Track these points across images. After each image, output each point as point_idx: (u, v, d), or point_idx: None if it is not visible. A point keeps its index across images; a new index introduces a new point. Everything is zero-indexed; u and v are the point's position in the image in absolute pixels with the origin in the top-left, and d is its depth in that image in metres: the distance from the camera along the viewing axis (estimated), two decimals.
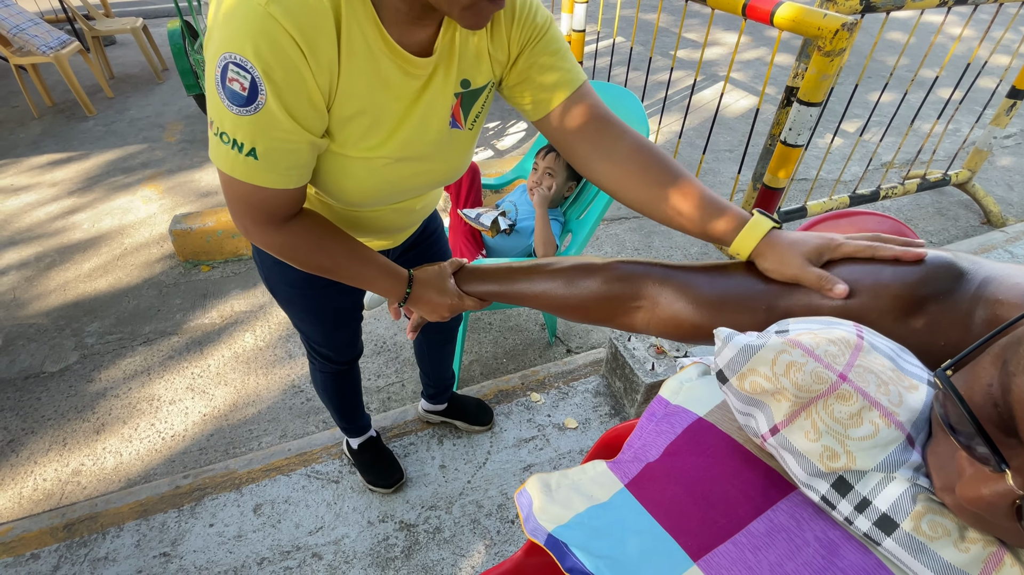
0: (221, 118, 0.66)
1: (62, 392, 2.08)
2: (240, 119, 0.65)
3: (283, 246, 0.81)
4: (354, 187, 0.82)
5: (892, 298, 0.50)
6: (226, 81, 0.63)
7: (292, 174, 0.72)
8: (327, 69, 0.67)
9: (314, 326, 1.23)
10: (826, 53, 1.61)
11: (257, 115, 0.65)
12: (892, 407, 0.41)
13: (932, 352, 0.47)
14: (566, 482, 0.62)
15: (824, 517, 0.44)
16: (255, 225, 0.77)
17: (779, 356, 0.43)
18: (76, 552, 1.51)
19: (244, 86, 0.63)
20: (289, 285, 1.10)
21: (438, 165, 0.88)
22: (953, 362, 0.38)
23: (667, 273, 0.67)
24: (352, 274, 0.87)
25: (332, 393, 1.47)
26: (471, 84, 0.83)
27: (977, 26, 6.15)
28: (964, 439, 0.36)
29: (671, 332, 0.67)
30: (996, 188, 3.47)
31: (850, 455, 0.41)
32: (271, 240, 0.79)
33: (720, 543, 0.46)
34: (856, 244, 0.58)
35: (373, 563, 1.48)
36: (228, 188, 0.73)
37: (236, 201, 0.75)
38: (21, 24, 3.89)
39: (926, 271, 0.49)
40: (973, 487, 0.35)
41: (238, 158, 0.68)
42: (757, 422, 0.47)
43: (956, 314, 0.46)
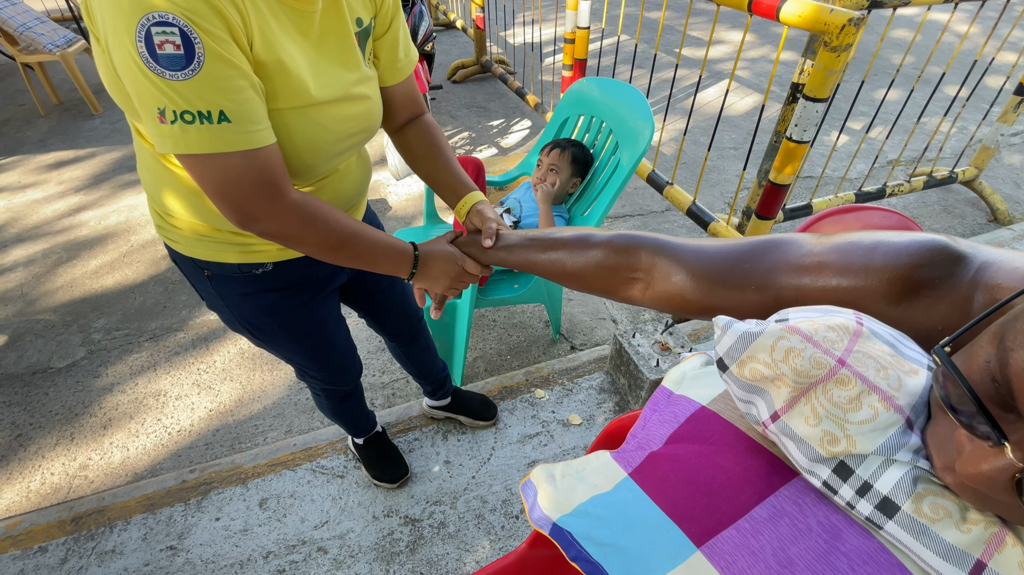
0: (172, 96, 0.61)
1: (69, 387, 2.10)
2: (191, 83, 0.61)
3: (302, 219, 0.76)
4: (302, 144, 0.80)
5: (885, 281, 0.49)
6: (156, 49, 0.58)
7: (264, 125, 0.70)
8: (236, 11, 0.65)
9: (303, 353, 1.17)
10: (832, 48, 1.61)
11: (203, 70, 0.61)
12: (891, 391, 0.41)
13: (931, 337, 0.47)
14: (570, 472, 0.62)
15: (826, 502, 0.44)
16: (266, 203, 0.73)
17: (778, 342, 0.44)
18: (83, 545, 1.52)
19: (177, 43, 0.59)
20: (266, 315, 1.04)
21: (361, 103, 0.88)
22: (951, 339, 0.38)
23: (662, 247, 0.67)
24: (360, 249, 0.85)
25: (340, 414, 1.47)
26: (363, 22, 0.86)
27: (983, 23, 6.11)
28: (964, 417, 0.36)
29: (664, 305, 0.67)
30: (1003, 186, 3.45)
31: (850, 439, 0.41)
32: (288, 215, 0.75)
33: (723, 529, 0.46)
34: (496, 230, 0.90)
35: (378, 557, 1.49)
36: (219, 174, 0.68)
37: (228, 187, 0.69)
38: (28, 22, 3.91)
39: (920, 254, 0.48)
40: (973, 463, 0.35)
41: (213, 129, 0.64)
42: (758, 409, 0.47)
43: (954, 298, 0.46)
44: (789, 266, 0.56)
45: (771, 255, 0.58)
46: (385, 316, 1.38)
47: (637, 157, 1.71)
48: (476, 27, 4.28)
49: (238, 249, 0.93)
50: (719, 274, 0.61)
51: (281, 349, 1.15)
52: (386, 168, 3.44)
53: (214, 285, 0.99)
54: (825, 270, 0.53)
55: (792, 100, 2.12)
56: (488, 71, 4.49)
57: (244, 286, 0.99)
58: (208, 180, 0.69)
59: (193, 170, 0.69)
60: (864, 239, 0.53)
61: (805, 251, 0.56)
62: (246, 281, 0.98)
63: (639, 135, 1.74)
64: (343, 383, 1.33)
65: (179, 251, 0.95)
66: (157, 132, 0.65)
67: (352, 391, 1.42)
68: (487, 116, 4.12)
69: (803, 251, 0.56)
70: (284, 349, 1.15)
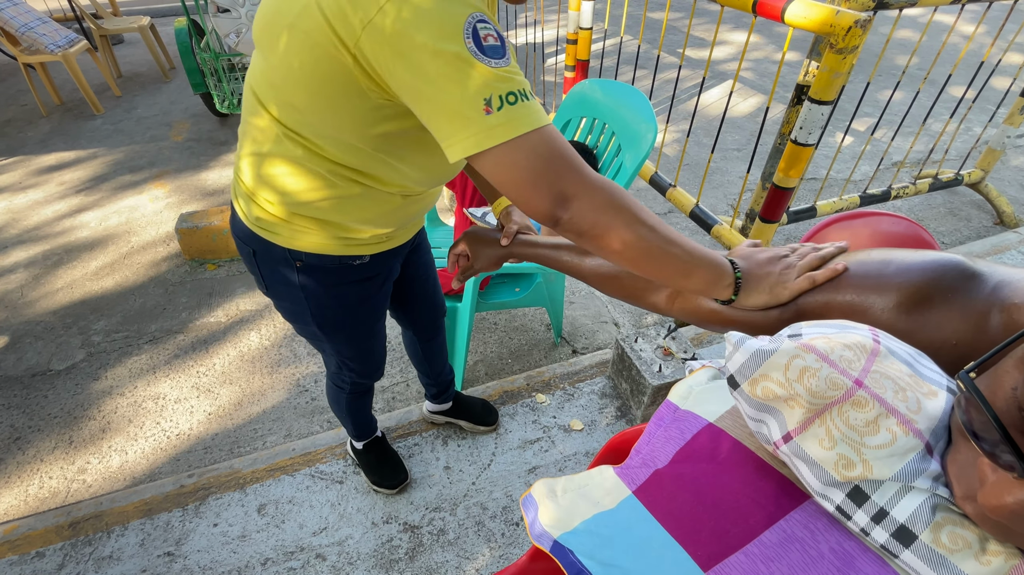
0: (500, 83, 0.64)
1: (68, 390, 2.09)
2: (509, 68, 0.66)
3: (612, 192, 0.67)
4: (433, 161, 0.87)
5: (897, 293, 0.50)
6: (482, 42, 0.64)
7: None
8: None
9: (357, 345, 1.22)
10: (838, 50, 1.59)
11: (512, 57, 0.67)
12: (910, 414, 0.39)
13: (944, 351, 0.46)
14: (572, 487, 0.61)
15: (839, 528, 0.43)
16: (575, 179, 0.66)
17: (792, 361, 0.42)
18: (81, 551, 1.51)
19: (495, 36, 0.65)
20: (344, 308, 1.10)
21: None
22: (976, 364, 0.36)
23: None
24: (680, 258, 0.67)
25: (352, 410, 1.48)
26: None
27: (990, 24, 6.08)
28: (987, 446, 0.34)
29: (689, 316, 0.69)
30: (1009, 188, 3.43)
31: (866, 464, 0.39)
32: (602, 189, 0.67)
33: (731, 553, 0.44)
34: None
35: (377, 564, 1.48)
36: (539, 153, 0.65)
37: (548, 161, 0.65)
38: (30, 23, 3.90)
39: (933, 270, 0.49)
40: (996, 495, 0.33)
41: (530, 106, 0.66)
42: (769, 429, 0.45)
43: (969, 313, 0.45)
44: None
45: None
46: (415, 306, 1.41)
47: (640, 160, 1.70)
48: None
49: (342, 243, 0.98)
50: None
51: (339, 341, 1.19)
52: None
53: (301, 277, 1.01)
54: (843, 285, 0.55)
55: (797, 102, 2.10)
56: None
57: (335, 276, 1.03)
58: (525, 165, 0.65)
59: (511, 161, 0.66)
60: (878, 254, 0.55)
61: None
62: (340, 271, 1.03)
63: (642, 138, 1.72)
64: (374, 376, 1.37)
65: (276, 242, 0.96)
66: (482, 126, 0.64)
67: (371, 388, 1.46)
68: None
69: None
70: (342, 342, 1.19)
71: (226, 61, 3.62)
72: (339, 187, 0.88)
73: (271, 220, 0.95)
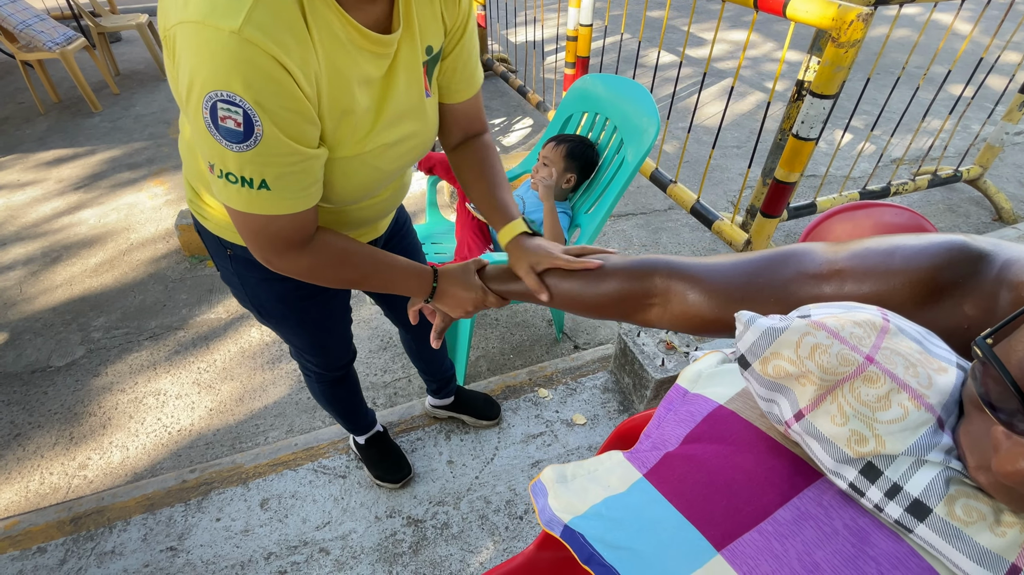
0: (223, 159, 0.64)
1: (68, 386, 2.08)
2: (242, 155, 0.63)
3: (311, 267, 0.80)
4: (350, 185, 0.82)
5: (907, 284, 0.48)
6: (218, 120, 0.61)
7: (307, 193, 0.72)
8: (312, 78, 0.65)
9: (309, 337, 1.20)
10: (840, 44, 1.59)
11: (258, 147, 0.63)
12: (921, 389, 0.39)
13: (957, 334, 0.46)
14: (582, 472, 0.61)
15: (853, 504, 0.43)
16: (278, 255, 0.76)
17: (803, 338, 0.42)
18: (83, 546, 1.50)
19: (238, 121, 0.61)
20: (279, 300, 1.07)
21: (419, 139, 0.88)
22: (993, 331, 0.36)
23: (675, 268, 0.68)
24: (380, 280, 0.87)
25: (332, 400, 1.45)
26: (433, 50, 0.83)
27: (988, 23, 6.10)
28: (1004, 415, 0.34)
29: (684, 326, 0.67)
30: (1008, 185, 3.44)
31: (879, 439, 0.39)
32: (296, 265, 0.79)
33: (745, 532, 0.44)
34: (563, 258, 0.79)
35: (380, 558, 1.48)
36: (244, 224, 0.72)
37: (256, 236, 0.73)
38: (27, 20, 3.89)
39: (941, 255, 0.48)
40: (1011, 460, 0.33)
41: (251, 194, 0.67)
42: (780, 408, 0.45)
43: (979, 296, 0.45)
44: (807, 276, 0.55)
45: (787, 267, 0.58)
46: (402, 305, 1.39)
47: (642, 154, 1.70)
48: (477, 25, 4.27)
49: None
50: (736, 290, 0.60)
51: (285, 332, 1.18)
52: None
53: (234, 265, 1.01)
54: (845, 277, 0.52)
55: (798, 97, 2.10)
56: (489, 70, 4.48)
57: (263, 271, 1.00)
58: (234, 222, 0.74)
59: (230, 213, 0.74)
60: (880, 244, 0.52)
61: (821, 260, 0.55)
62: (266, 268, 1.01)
63: (644, 132, 1.72)
64: (335, 368, 1.35)
65: (207, 228, 0.98)
66: (211, 179, 0.69)
67: (343, 378, 1.41)
68: (488, 115, 4.11)
69: (820, 260, 0.55)
70: (288, 332, 1.18)
71: None
72: None
73: (199, 204, 0.95)
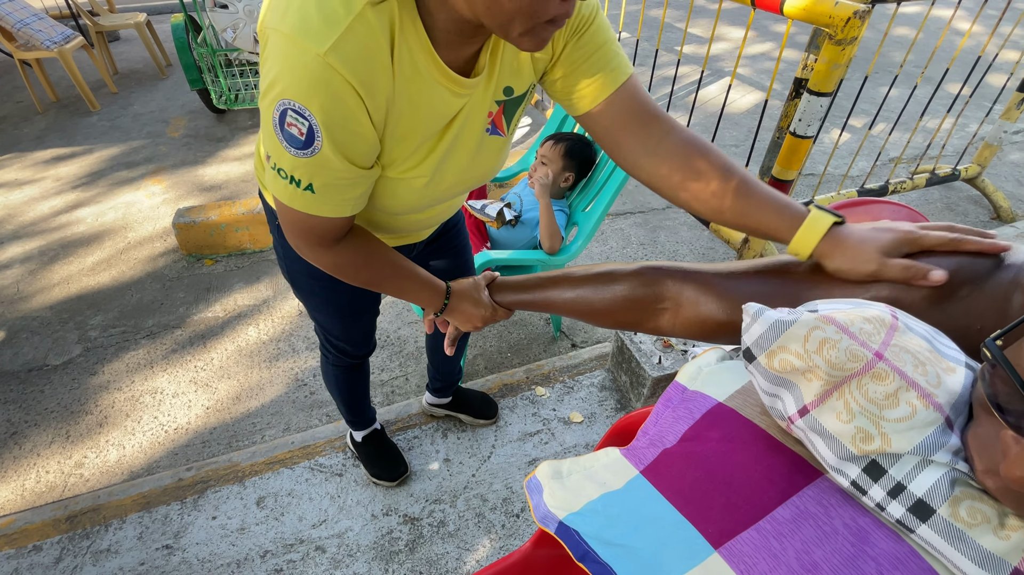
0: (279, 156, 0.67)
1: (65, 385, 2.07)
2: (297, 160, 0.66)
3: (335, 264, 0.82)
4: (396, 203, 0.84)
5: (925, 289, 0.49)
6: (284, 125, 0.64)
7: (348, 205, 0.73)
8: (383, 106, 0.67)
9: (333, 318, 1.22)
10: (837, 42, 1.59)
11: (314, 158, 0.66)
12: (930, 388, 0.39)
13: (967, 336, 0.45)
14: (578, 469, 0.60)
15: (853, 503, 0.42)
16: (308, 246, 0.79)
17: (812, 332, 0.42)
18: (78, 544, 1.50)
19: (302, 131, 0.63)
20: (312, 278, 1.10)
21: (473, 173, 0.88)
22: (1003, 333, 0.36)
23: (687, 274, 0.67)
24: (396, 288, 0.90)
25: (343, 387, 1.47)
26: (514, 92, 0.82)
27: (986, 22, 6.10)
28: (1012, 418, 0.34)
29: (695, 332, 0.67)
30: (1006, 183, 3.44)
31: (885, 437, 0.39)
32: (322, 259, 0.81)
33: (743, 530, 0.44)
34: (937, 236, 0.54)
35: (377, 556, 1.47)
36: (284, 214, 0.75)
37: (292, 225, 0.76)
38: (25, 19, 3.88)
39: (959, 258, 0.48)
40: (1020, 465, 0.33)
41: (296, 192, 0.69)
42: (784, 403, 0.45)
43: (992, 298, 0.45)
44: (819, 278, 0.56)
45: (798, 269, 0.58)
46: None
47: None
48: None
49: None
50: (749, 294, 0.60)
51: (315, 308, 1.21)
52: None
53: (279, 235, 1.05)
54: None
55: (795, 95, 2.10)
56: None
57: None
58: (277, 207, 0.76)
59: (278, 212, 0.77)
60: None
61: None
62: None
63: None
64: (356, 353, 1.36)
65: (264, 196, 1.02)
66: (266, 164, 0.72)
67: (360, 365, 1.43)
68: None
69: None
70: (315, 310, 1.21)
71: (223, 57, 3.60)
72: None
73: (262, 172, 0.98)
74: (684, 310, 0.66)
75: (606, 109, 0.77)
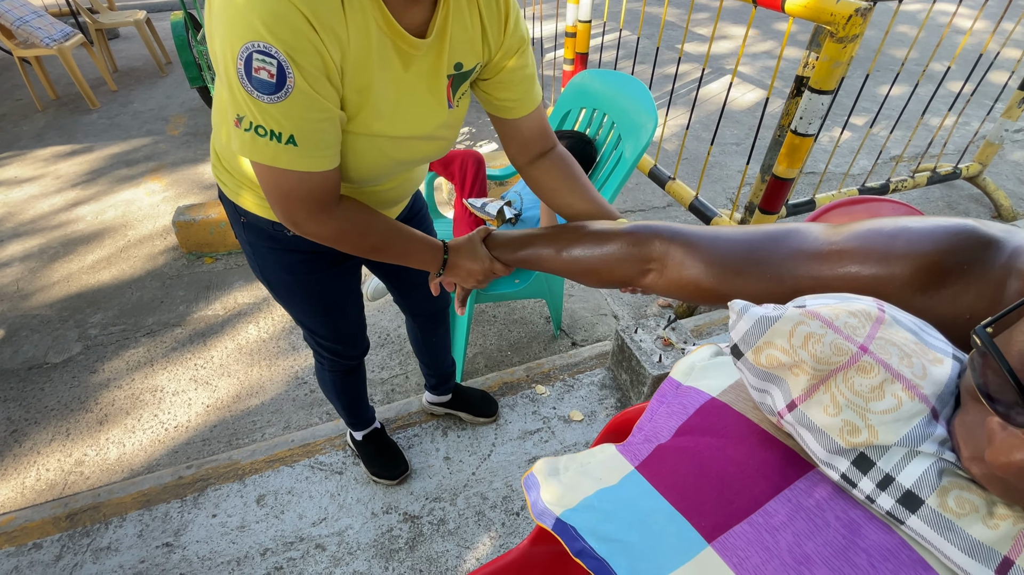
0: (252, 111, 0.67)
1: (65, 383, 2.08)
2: (272, 107, 0.66)
3: (337, 232, 0.82)
4: (359, 164, 0.84)
5: (910, 268, 0.47)
6: (252, 72, 0.64)
7: (329, 153, 0.74)
8: (337, 46, 0.69)
9: (317, 316, 1.21)
10: (839, 39, 1.59)
11: (288, 99, 0.66)
12: (916, 380, 0.39)
13: (958, 325, 0.45)
14: (574, 465, 0.61)
15: (844, 497, 0.42)
16: (309, 216, 0.78)
17: (797, 327, 0.42)
18: (79, 542, 1.50)
19: (271, 72, 0.64)
20: (287, 272, 1.10)
21: (434, 143, 0.92)
22: (993, 320, 0.35)
23: (676, 234, 0.67)
24: (397, 250, 0.91)
25: (340, 392, 1.46)
26: (463, 67, 0.87)
27: (987, 20, 6.09)
28: (1001, 406, 0.34)
29: (676, 292, 0.67)
30: (1007, 182, 3.43)
31: (872, 429, 0.39)
32: (324, 228, 0.81)
33: (736, 523, 0.44)
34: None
35: (377, 554, 1.47)
36: (273, 183, 0.74)
37: (285, 196, 0.75)
38: (25, 16, 3.88)
39: (947, 239, 0.46)
40: (1005, 451, 0.33)
41: (279, 148, 0.69)
42: (773, 398, 0.45)
43: (984, 284, 0.43)
44: (806, 255, 0.54)
45: (787, 243, 0.56)
46: (412, 292, 1.40)
47: (640, 149, 1.69)
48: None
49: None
50: (733, 263, 0.60)
51: (295, 308, 1.20)
52: None
53: (246, 232, 1.05)
54: (845, 258, 0.51)
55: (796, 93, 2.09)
56: None
57: (273, 241, 1.05)
58: (264, 184, 0.75)
59: (257, 172, 0.75)
60: (886, 225, 0.51)
61: (823, 239, 0.54)
62: (276, 238, 1.04)
63: (642, 127, 1.72)
64: (349, 354, 1.36)
65: (225, 193, 1.02)
66: (232, 132, 0.70)
67: (356, 367, 1.42)
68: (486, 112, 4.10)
69: (821, 239, 0.54)
70: (297, 309, 1.20)
71: None
72: None
73: (221, 171, 0.99)
74: (669, 270, 0.67)
75: (521, 123, 0.96)
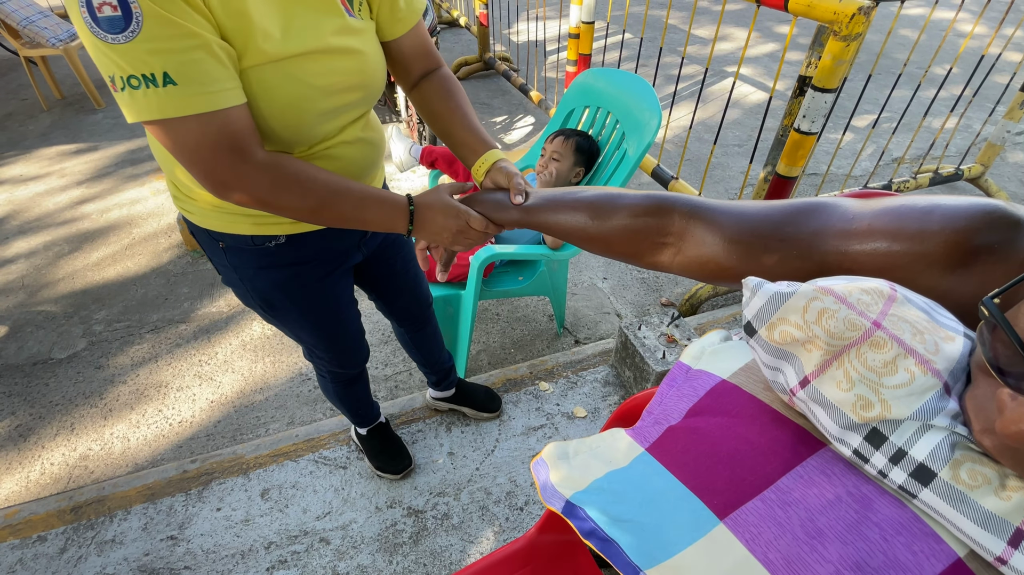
0: (115, 60, 0.61)
1: (70, 378, 2.08)
2: (131, 46, 0.60)
3: (272, 184, 0.74)
4: (280, 100, 0.76)
5: (942, 246, 0.46)
6: (96, 13, 0.58)
7: (219, 87, 0.67)
8: None
9: (313, 331, 1.17)
10: (842, 38, 1.60)
11: (143, 31, 0.60)
12: (928, 355, 0.39)
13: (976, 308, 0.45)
14: (584, 449, 0.61)
15: (856, 472, 0.43)
16: (230, 168, 0.70)
17: (810, 303, 0.42)
18: (83, 535, 1.51)
19: (114, 6, 0.58)
20: (278, 290, 1.04)
21: (347, 57, 0.82)
22: (1000, 291, 0.36)
23: (696, 208, 0.64)
24: (350, 207, 0.80)
25: (343, 398, 1.46)
26: None
27: (988, 23, 6.10)
28: (1012, 379, 0.34)
29: (695, 272, 0.63)
30: (1009, 184, 3.44)
31: (885, 404, 0.39)
32: (253, 180, 0.72)
33: (747, 500, 0.45)
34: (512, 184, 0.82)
35: (381, 548, 1.48)
36: (178, 141, 0.67)
37: (194, 151, 0.68)
38: (31, 16, 3.90)
39: (980, 218, 0.45)
40: (1015, 421, 0.33)
41: (160, 94, 0.63)
42: (786, 376, 0.45)
43: (1011, 265, 0.43)
44: (835, 231, 0.52)
45: (815, 219, 0.54)
46: (396, 299, 1.37)
47: (644, 147, 1.70)
48: (480, 24, 4.27)
49: (251, 220, 0.92)
50: (759, 239, 0.57)
51: (292, 326, 1.15)
52: (390, 162, 3.42)
53: (228, 257, 0.98)
54: (876, 234, 0.50)
55: (799, 93, 2.10)
56: (491, 68, 4.48)
57: (257, 259, 0.98)
58: (170, 147, 0.68)
59: (157, 137, 0.68)
60: (919, 202, 0.49)
61: (853, 214, 0.52)
62: (259, 254, 0.97)
63: (646, 125, 1.72)
64: (350, 366, 1.33)
65: (195, 223, 0.95)
66: (118, 102, 0.64)
67: (358, 376, 1.41)
68: (490, 112, 4.11)
69: (850, 214, 0.52)
70: (295, 327, 1.15)
71: None
72: None
73: (184, 200, 0.92)
74: (688, 248, 0.63)
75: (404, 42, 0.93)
